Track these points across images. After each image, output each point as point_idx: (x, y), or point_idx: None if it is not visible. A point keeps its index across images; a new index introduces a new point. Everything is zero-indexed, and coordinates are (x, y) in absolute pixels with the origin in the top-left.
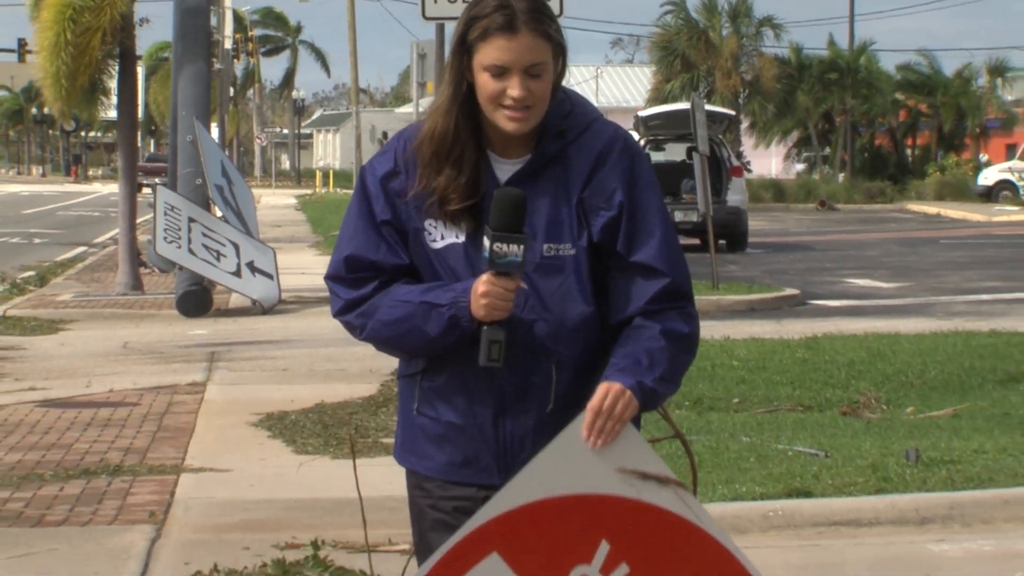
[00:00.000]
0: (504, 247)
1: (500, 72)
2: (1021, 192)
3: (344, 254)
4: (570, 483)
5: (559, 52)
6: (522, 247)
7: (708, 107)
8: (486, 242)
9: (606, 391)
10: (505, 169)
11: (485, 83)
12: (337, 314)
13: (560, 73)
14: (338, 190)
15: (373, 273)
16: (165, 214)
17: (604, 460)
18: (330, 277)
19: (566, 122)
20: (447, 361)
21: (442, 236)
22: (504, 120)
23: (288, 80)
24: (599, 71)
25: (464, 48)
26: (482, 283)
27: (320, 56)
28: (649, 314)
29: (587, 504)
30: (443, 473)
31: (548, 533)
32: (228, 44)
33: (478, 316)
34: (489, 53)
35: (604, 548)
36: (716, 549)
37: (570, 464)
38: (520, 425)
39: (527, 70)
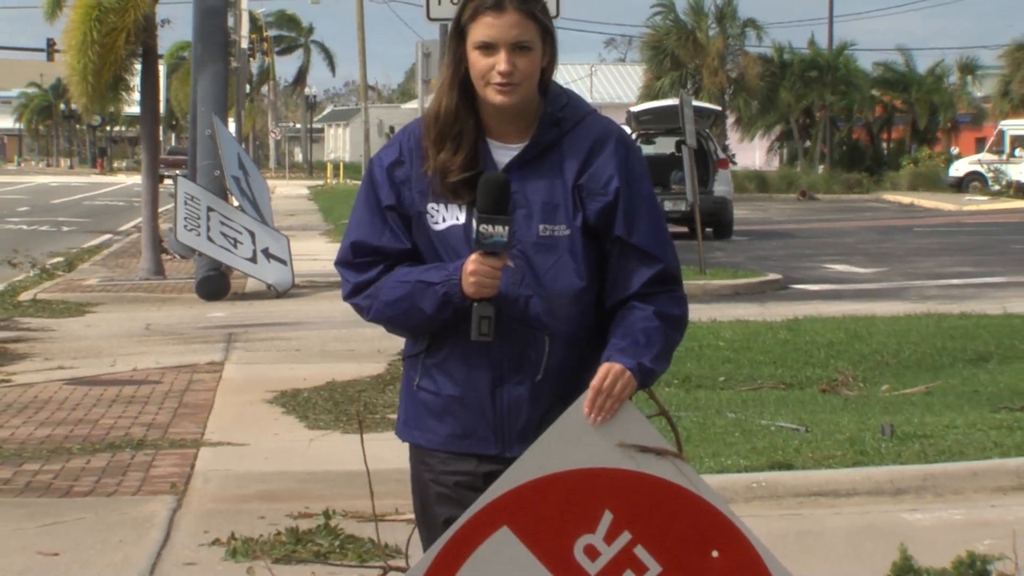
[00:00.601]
0: (490, 228)
1: (488, 48)
2: (990, 183)
3: (351, 240)
4: (574, 459)
5: (546, 35)
6: (507, 228)
7: (696, 103)
8: (473, 223)
9: (607, 371)
10: (503, 153)
11: (475, 60)
12: (347, 297)
13: (551, 61)
14: (348, 181)
15: (378, 258)
16: (185, 203)
17: (605, 436)
18: (339, 263)
19: (563, 112)
20: (447, 337)
21: (443, 219)
22: (492, 94)
23: (301, 78)
24: (593, 69)
25: (459, 31)
26: (470, 262)
27: (328, 56)
28: (643, 297)
29: (590, 477)
30: (445, 445)
31: (554, 506)
32: (244, 44)
33: (468, 293)
34: (478, 30)
35: (607, 518)
36: (713, 514)
37: (573, 441)
38: (516, 395)
39: (514, 46)
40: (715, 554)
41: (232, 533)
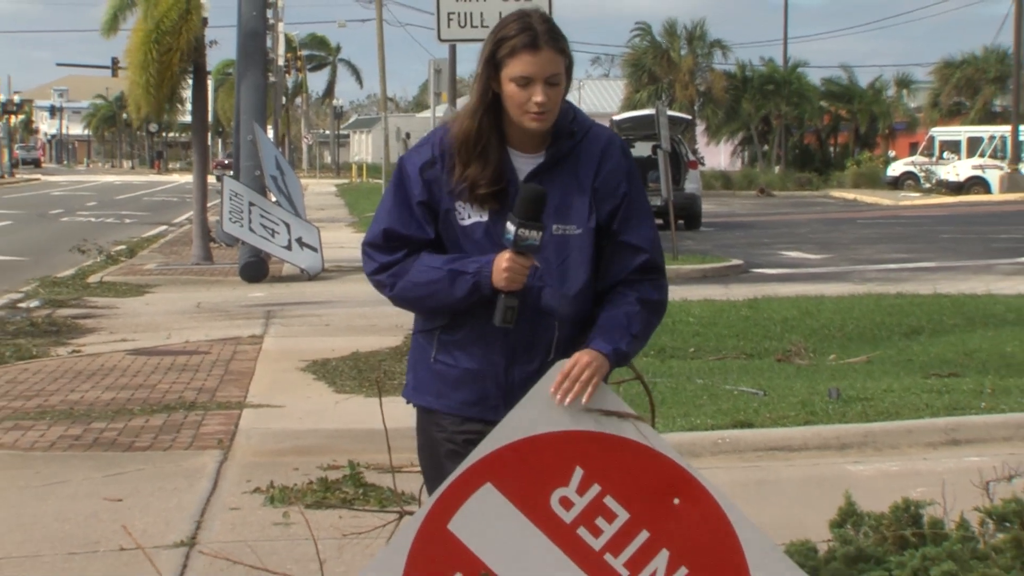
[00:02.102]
0: (527, 232)
1: (526, 82)
2: (922, 181)
3: (383, 227)
4: (546, 423)
5: (569, 64)
6: (540, 233)
7: (669, 113)
8: (510, 227)
9: (576, 360)
10: (524, 161)
11: (513, 92)
12: (371, 273)
13: (568, 85)
14: (370, 180)
15: (404, 244)
16: (230, 199)
17: (574, 403)
18: (368, 243)
19: (573, 125)
20: (466, 319)
21: (469, 215)
22: (528, 121)
23: (329, 91)
24: (581, 84)
25: (493, 64)
26: (505, 259)
27: (355, 72)
28: (629, 283)
29: (561, 439)
30: (457, 409)
31: (531, 464)
32: (281, 61)
33: (498, 286)
34: (517, 67)
35: (579, 473)
36: (671, 467)
37: (545, 408)
38: (525, 371)
39: (547, 80)
40: (676, 501)
41: (271, 482)
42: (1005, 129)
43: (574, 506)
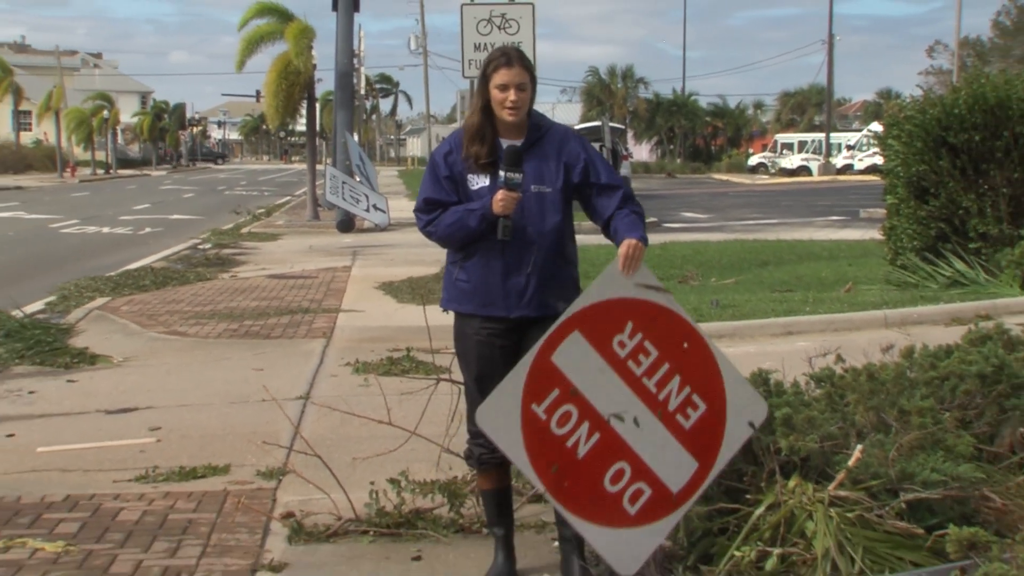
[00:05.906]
0: (512, 174)
1: (503, 88)
2: (770, 168)
3: (424, 197)
4: (611, 292)
5: (533, 79)
6: (521, 175)
7: (611, 124)
8: (501, 173)
9: (628, 244)
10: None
11: (496, 94)
12: (422, 228)
13: (533, 94)
14: (419, 167)
15: (438, 205)
16: (330, 179)
17: (629, 279)
18: (417, 209)
19: (542, 122)
20: (474, 250)
21: (476, 183)
22: (505, 115)
23: (393, 111)
24: (553, 106)
25: (484, 77)
26: (499, 195)
27: (408, 99)
28: (620, 208)
29: (620, 302)
30: (475, 310)
31: (602, 318)
32: (362, 91)
33: (497, 212)
34: (498, 78)
35: (629, 325)
36: (684, 324)
37: (611, 282)
38: (517, 283)
39: (517, 86)
40: (685, 345)
41: (356, 359)
42: (821, 136)
43: (626, 346)
